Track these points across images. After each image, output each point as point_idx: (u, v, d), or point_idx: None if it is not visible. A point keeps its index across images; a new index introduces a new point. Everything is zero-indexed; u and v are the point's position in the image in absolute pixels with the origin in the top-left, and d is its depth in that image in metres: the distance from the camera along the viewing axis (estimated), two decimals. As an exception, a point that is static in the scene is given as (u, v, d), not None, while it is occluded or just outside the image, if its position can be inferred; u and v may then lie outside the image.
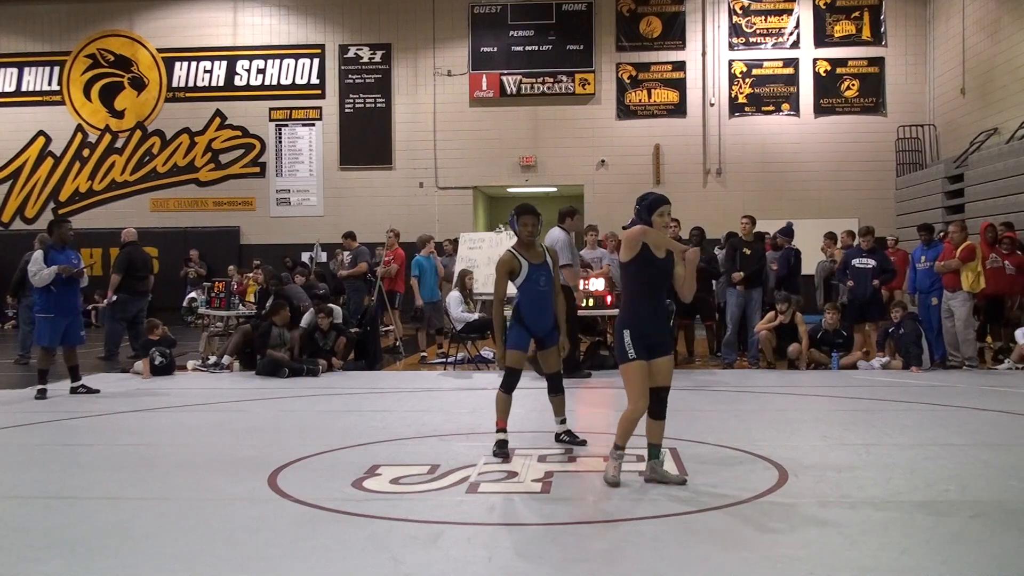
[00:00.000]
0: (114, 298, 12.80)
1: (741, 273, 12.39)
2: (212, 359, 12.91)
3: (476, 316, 13.08)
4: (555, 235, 10.49)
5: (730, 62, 21.60)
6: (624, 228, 6.01)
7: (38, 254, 10.29)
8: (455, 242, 16.17)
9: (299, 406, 9.52)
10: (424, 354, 13.88)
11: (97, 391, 10.33)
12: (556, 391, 7.04)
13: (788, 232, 13.89)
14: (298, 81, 22.59)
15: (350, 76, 22.46)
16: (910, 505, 5.27)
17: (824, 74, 21.41)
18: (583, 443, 7.01)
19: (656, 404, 5.79)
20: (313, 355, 12.18)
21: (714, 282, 13.34)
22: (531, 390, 8.15)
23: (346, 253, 15.78)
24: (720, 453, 6.70)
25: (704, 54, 21.62)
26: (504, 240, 14.60)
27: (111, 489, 5.89)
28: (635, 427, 5.76)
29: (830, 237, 14.65)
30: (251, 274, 15.71)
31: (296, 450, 6.89)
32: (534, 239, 6.84)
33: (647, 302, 5.76)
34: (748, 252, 12.54)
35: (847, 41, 21.43)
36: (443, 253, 16.26)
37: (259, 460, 6.57)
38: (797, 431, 7.78)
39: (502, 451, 6.62)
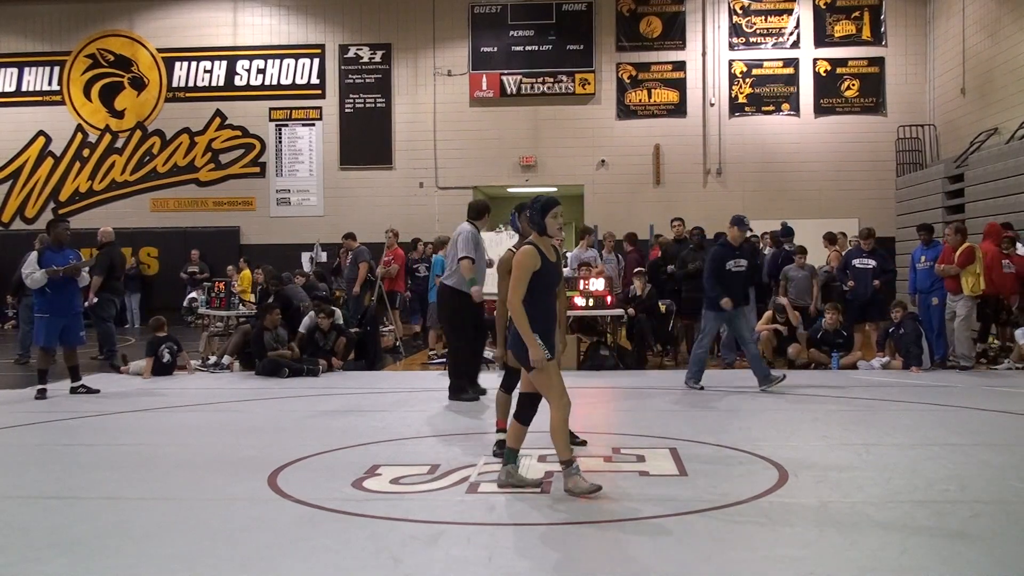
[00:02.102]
0: (95, 300, 12.74)
1: None
2: (212, 359, 12.92)
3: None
4: (460, 227, 9.84)
5: (730, 62, 21.60)
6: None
7: (33, 255, 10.25)
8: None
9: (299, 406, 9.51)
10: (433, 351, 13.86)
11: (97, 391, 10.34)
12: None
13: (787, 233, 13.92)
14: (298, 81, 22.59)
15: (350, 76, 22.46)
16: (910, 505, 5.27)
17: (824, 74, 21.41)
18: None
19: (529, 410, 5.75)
20: (313, 355, 12.18)
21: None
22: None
23: (348, 253, 15.77)
24: (720, 453, 6.70)
25: (704, 54, 21.62)
26: (504, 240, 14.58)
27: (111, 489, 5.89)
28: (567, 433, 5.64)
29: (828, 239, 14.65)
30: (253, 272, 15.74)
31: (296, 450, 6.90)
32: None
33: (546, 304, 5.70)
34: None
35: (847, 41, 21.43)
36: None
37: (259, 460, 6.57)
38: (797, 431, 7.78)
39: (502, 451, 6.61)
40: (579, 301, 12.29)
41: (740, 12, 21.59)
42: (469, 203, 10.09)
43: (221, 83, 22.78)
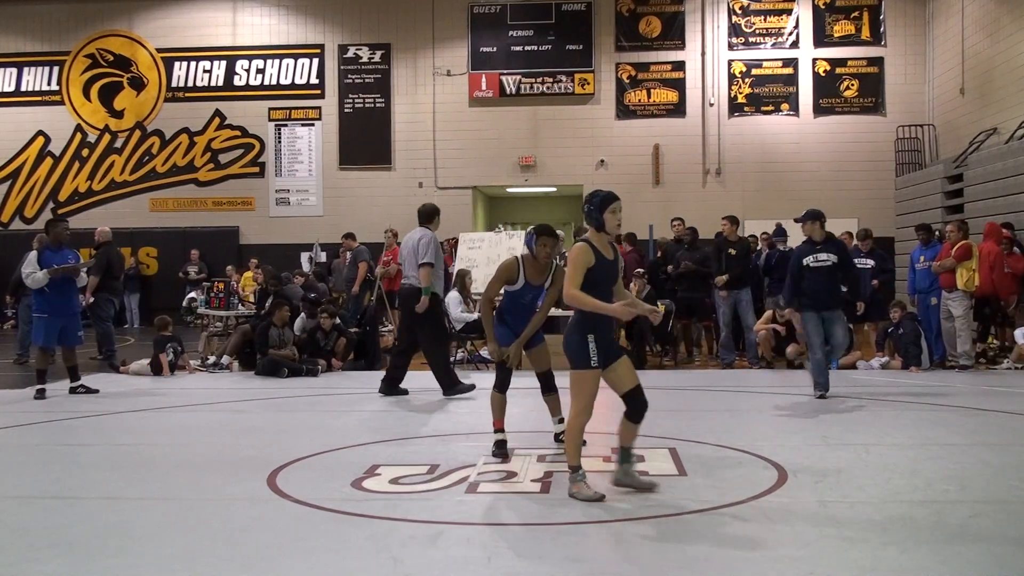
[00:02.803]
0: (91, 299, 12.78)
1: (724, 276, 12.38)
2: (212, 359, 12.91)
3: (475, 316, 13.07)
4: (418, 233, 10.01)
5: (729, 62, 21.61)
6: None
7: (32, 255, 10.25)
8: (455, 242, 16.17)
9: (299, 406, 9.52)
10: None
11: (96, 391, 10.34)
12: (549, 390, 7.05)
13: (780, 233, 14.01)
14: (297, 81, 22.59)
15: (349, 76, 22.45)
16: (910, 505, 5.27)
17: (823, 74, 21.41)
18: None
19: (634, 406, 5.61)
20: (313, 355, 12.18)
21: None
22: (530, 390, 8.13)
23: (347, 253, 15.77)
24: (720, 453, 6.70)
25: (703, 54, 21.62)
26: (503, 240, 14.59)
27: (111, 489, 5.89)
28: (581, 440, 5.59)
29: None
30: (253, 272, 15.72)
31: (296, 450, 6.89)
32: (550, 261, 6.76)
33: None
34: (733, 253, 12.54)
35: (846, 41, 21.44)
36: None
37: (259, 460, 6.57)
38: (797, 431, 7.78)
39: (501, 451, 6.63)
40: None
41: (739, 12, 21.60)
42: (419, 209, 10.37)
43: (220, 83, 22.77)
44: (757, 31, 21.60)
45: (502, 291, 6.93)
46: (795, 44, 21.49)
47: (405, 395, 10.01)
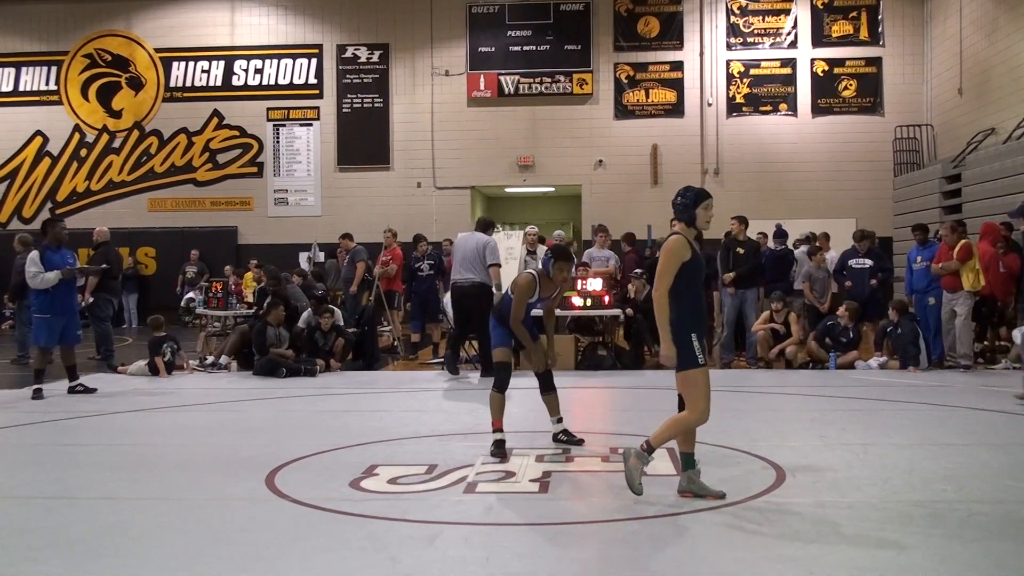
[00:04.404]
0: (91, 299, 12.80)
1: (731, 274, 12.41)
2: (210, 359, 12.91)
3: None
4: (479, 238, 11.36)
5: (728, 62, 21.62)
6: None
7: (34, 255, 10.22)
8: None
9: (297, 406, 9.52)
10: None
11: (95, 390, 10.34)
12: (548, 390, 7.10)
13: (781, 234, 14.03)
14: (296, 81, 22.58)
15: (348, 76, 22.45)
16: (907, 505, 5.28)
17: (822, 74, 21.43)
18: (580, 442, 7.03)
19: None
20: (311, 355, 12.17)
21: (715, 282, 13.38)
22: (529, 390, 8.14)
23: (345, 253, 15.74)
24: (719, 453, 6.70)
25: (702, 54, 21.63)
26: (502, 240, 14.58)
27: (110, 489, 5.89)
28: (682, 434, 5.48)
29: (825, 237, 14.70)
30: (251, 272, 15.70)
31: (294, 450, 6.90)
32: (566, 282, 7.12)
33: (699, 302, 5.53)
34: (741, 252, 12.57)
35: (845, 41, 21.45)
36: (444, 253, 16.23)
37: (257, 460, 6.57)
38: (795, 431, 7.79)
39: (499, 451, 6.64)
40: (576, 301, 12.30)
41: (738, 12, 21.61)
42: (480, 219, 11.98)
43: (219, 83, 22.76)
44: (755, 31, 21.61)
45: (504, 291, 7.14)
46: (793, 44, 21.50)
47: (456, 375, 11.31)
